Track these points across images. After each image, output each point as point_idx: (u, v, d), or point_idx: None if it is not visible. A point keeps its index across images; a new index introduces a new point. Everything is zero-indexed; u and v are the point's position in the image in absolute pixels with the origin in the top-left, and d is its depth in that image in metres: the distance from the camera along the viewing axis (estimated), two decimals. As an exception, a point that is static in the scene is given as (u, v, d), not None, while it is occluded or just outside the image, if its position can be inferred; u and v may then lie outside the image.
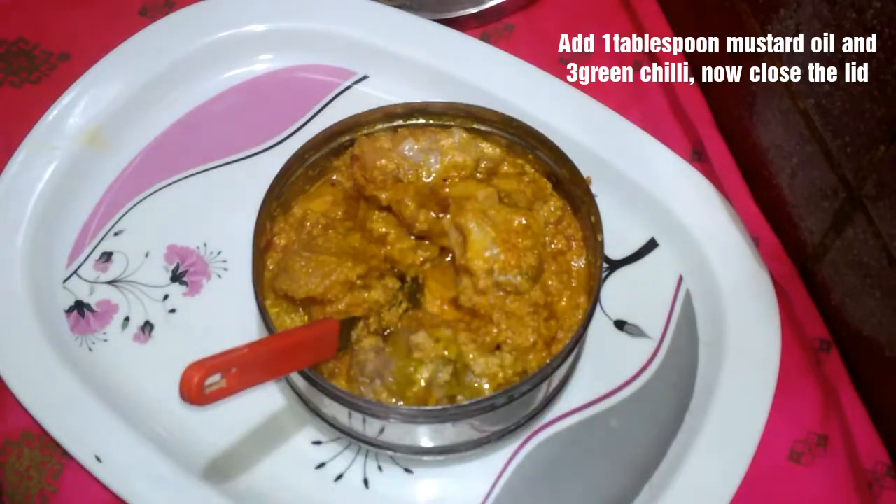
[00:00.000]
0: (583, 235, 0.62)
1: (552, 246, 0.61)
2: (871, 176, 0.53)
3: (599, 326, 0.65)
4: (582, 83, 0.72)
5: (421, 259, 0.61)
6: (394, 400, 0.55)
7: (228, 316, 0.65)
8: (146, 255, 0.68)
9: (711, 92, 0.71)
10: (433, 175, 0.62)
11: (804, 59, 0.56)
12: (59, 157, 0.69)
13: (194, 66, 0.74)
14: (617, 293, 0.67)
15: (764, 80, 0.62)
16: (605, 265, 0.67)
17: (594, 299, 0.57)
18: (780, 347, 0.62)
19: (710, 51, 0.70)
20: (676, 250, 0.68)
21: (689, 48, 0.72)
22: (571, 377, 0.63)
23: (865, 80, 0.50)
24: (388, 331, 0.58)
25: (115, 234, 0.69)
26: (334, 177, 0.64)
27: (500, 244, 0.58)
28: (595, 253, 0.60)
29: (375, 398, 0.55)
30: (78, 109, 0.71)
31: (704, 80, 0.71)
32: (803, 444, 0.61)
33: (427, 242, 0.62)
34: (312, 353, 0.53)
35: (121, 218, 0.70)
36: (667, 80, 0.72)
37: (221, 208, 0.70)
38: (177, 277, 0.68)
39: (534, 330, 0.58)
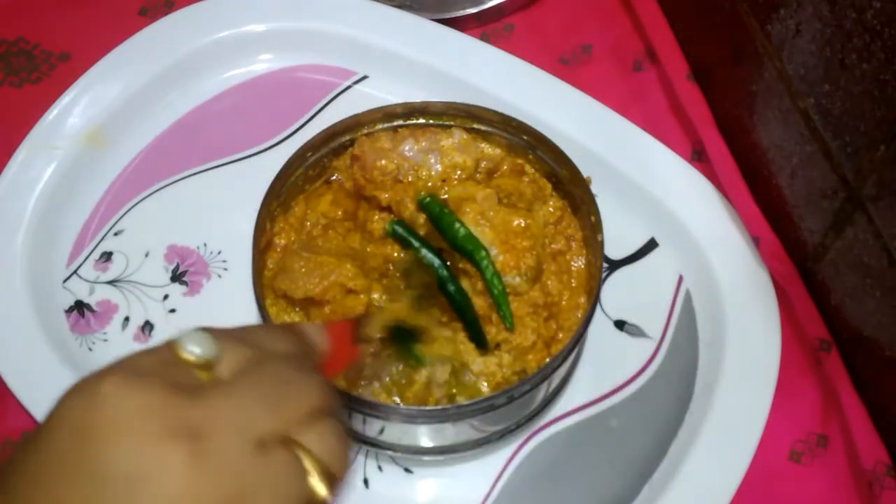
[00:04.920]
0: (583, 235, 0.62)
1: (552, 246, 0.61)
2: (871, 176, 0.53)
3: (599, 326, 0.65)
4: (582, 83, 0.72)
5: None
6: (395, 399, 0.55)
7: (228, 316, 0.64)
8: (146, 255, 0.68)
9: (711, 92, 0.71)
10: (433, 175, 0.62)
11: (804, 59, 0.56)
12: (59, 157, 0.69)
13: (194, 66, 0.74)
14: (617, 293, 0.67)
15: (764, 80, 0.62)
16: (605, 265, 0.67)
17: (594, 299, 0.57)
18: (780, 347, 0.62)
19: (711, 51, 0.70)
20: (676, 250, 0.68)
21: (689, 48, 0.72)
22: (571, 377, 0.63)
23: (865, 80, 0.50)
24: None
25: (115, 234, 0.69)
26: (334, 176, 0.64)
27: (499, 245, 0.58)
28: (595, 253, 0.60)
29: (374, 399, 0.55)
30: (78, 109, 0.71)
31: (704, 80, 0.71)
32: (803, 444, 0.61)
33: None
34: (336, 365, 0.48)
35: (121, 218, 0.70)
36: (667, 80, 0.72)
37: (221, 208, 0.70)
38: (177, 277, 0.68)
39: (533, 330, 0.58)
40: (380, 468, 0.61)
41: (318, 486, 0.34)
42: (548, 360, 0.56)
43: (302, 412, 0.35)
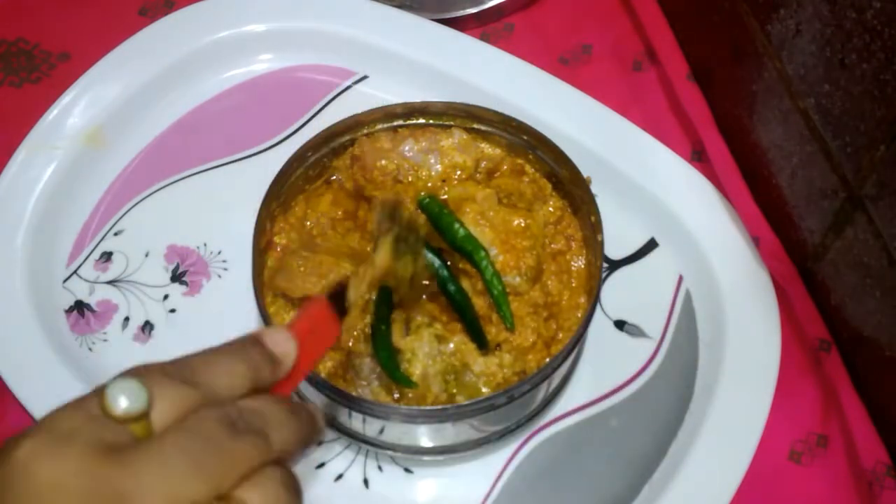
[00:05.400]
0: (583, 235, 0.62)
1: (552, 246, 0.61)
2: (871, 176, 0.53)
3: (599, 326, 0.65)
4: (582, 83, 0.72)
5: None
6: (395, 395, 0.55)
7: (228, 316, 0.65)
8: (146, 255, 0.68)
9: (711, 92, 0.71)
10: (433, 176, 0.62)
11: (804, 59, 0.56)
12: (59, 157, 0.69)
13: (194, 66, 0.74)
14: (617, 293, 0.67)
15: (764, 80, 0.62)
16: (605, 265, 0.67)
17: (594, 299, 0.57)
18: (780, 347, 0.62)
19: (711, 51, 0.70)
20: (676, 250, 0.68)
21: (689, 48, 0.72)
22: (571, 377, 0.63)
23: (865, 80, 0.50)
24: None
25: (115, 234, 0.69)
26: (334, 176, 0.64)
27: (499, 245, 0.58)
28: (595, 253, 0.60)
29: (374, 399, 0.55)
30: (78, 109, 0.71)
31: (704, 80, 0.71)
32: (803, 444, 0.61)
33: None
34: (317, 346, 0.44)
35: (121, 218, 0.70)
36: (667, 80, 0.72)
37: (221, 208, 0.70)
38: (177, 277, 0.68)
39: (533, 330, 0.58)
40: (380, 468, 0.61)
41: None
42: (548, 360, 0.56)
43: (239, 471, 0.33)
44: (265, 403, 0.35)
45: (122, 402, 0.32)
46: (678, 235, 0.67)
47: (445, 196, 0.61)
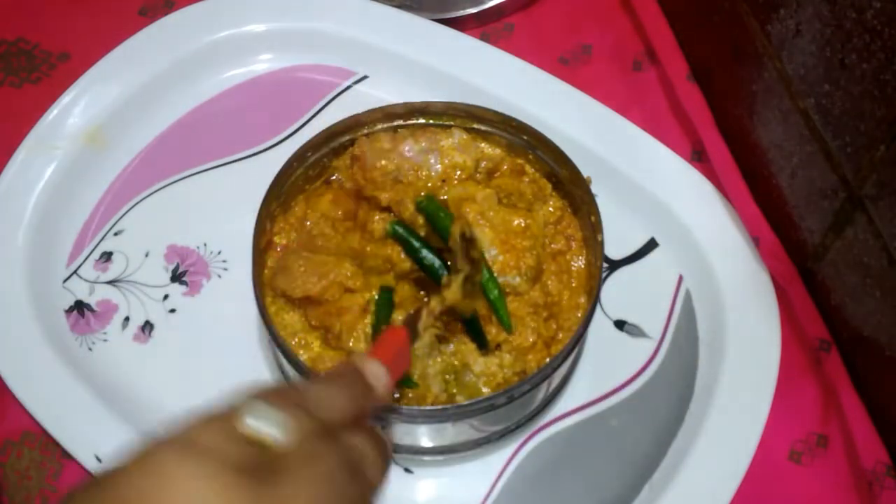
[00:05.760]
0: (583, 235, 0.62)
1: (552, 246, 0.61)
2: (871, 176, 0.53)
3: (599, 326, 0.65)
4: (582, 83, 0.72)
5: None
6: (395, 395, 0.55)
7: (228, 316, 0.65)
8: (146, 255, 0.68)
9: (711, 92, 0.71)
10: (433, 176, 0.62)
11: (804, 59, 0.56)
12: (59, 157, 0.69)
13: (194, 66, 0.74)
14: (617, 293, 0.67)
15: (764, 80, 0.62)
16: (605, 265, 0.67)
17: (594, 299, 0.57)
18: (780, 347, 0.62)
19: (711, 51, 0.70)
20: (676, 250, 0.68)
21: (689, 48, 0.72)
22: (571, 377, 0.63)
23: (865, 80, 0.50)
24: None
25: (115, 234, 0.69)
26: (334, 176, 0.64)
27: (499, 245, 0.58)
28: (595, 253, 0.60)
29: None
30: (78, 109, 0.71)
31: (704, 80, 0.71)
32: (803, 444, 0.61)
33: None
34: (396, 374, 0.47)
35: (121, 218, 0.70)
36: (667, 80, 0.72)
37: (221, 208, 0.70)
38: (177, 277, 0.68)
39: (533, 330, 0.58)
40: (380, 468, 0.61)
41: None
42: (548, 360, 0.56)
43: None
44: (363, 441, 0.38)
45: (261, 426, 0.34)
46: (678, 235, 0.67)
47: (445, 196, 0.61)
